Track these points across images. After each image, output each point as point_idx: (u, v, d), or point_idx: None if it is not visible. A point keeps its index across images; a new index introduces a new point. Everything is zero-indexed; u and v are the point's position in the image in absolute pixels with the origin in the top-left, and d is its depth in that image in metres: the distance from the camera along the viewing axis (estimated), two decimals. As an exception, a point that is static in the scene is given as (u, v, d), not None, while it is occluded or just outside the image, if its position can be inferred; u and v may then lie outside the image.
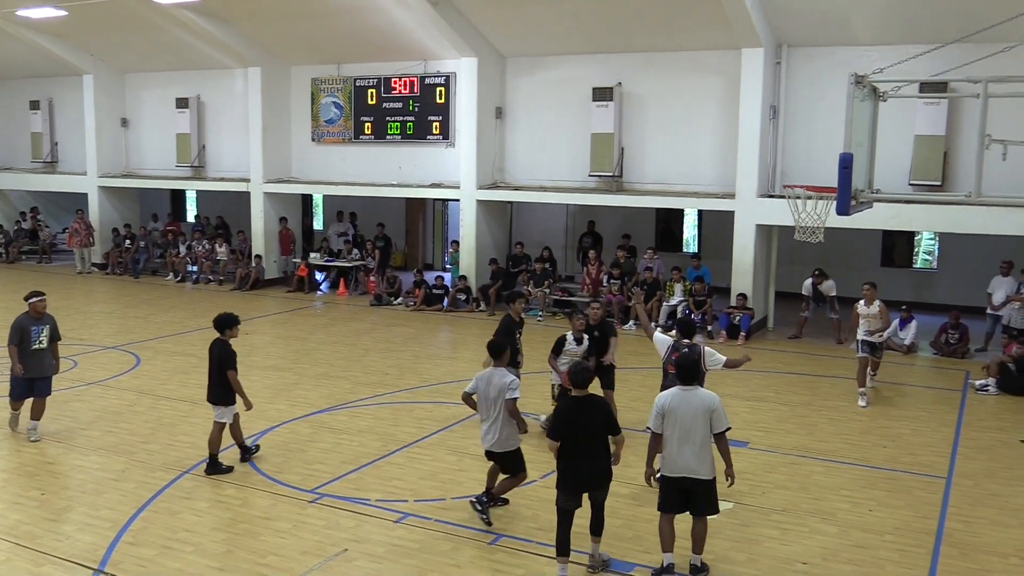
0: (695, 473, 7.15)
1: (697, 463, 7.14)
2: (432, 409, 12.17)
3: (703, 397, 7.23)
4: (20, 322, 10.59)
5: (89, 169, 25.23)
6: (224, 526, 8.32)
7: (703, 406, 7.16)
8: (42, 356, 10.69)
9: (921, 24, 15.25)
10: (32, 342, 10.59)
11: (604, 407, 7.39)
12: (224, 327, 9.81)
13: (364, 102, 21.82)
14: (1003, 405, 12.83)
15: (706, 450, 7.18)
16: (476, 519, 8.37)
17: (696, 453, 7.14)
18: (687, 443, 7.13)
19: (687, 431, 7.14)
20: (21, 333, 10.55)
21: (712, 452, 7.23)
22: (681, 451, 7.16)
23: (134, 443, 10.63)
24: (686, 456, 7.14)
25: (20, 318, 10.63)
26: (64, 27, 22.56)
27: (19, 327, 10.56)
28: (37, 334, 10.62)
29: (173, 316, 18.73)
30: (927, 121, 15.75)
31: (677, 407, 7.18)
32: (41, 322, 10.69)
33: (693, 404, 7.17)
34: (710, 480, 7.22)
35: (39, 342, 10.64)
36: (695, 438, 7.13)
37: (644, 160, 18.89)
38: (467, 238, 20.26)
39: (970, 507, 9.00)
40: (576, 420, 7.22)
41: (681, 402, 7.20)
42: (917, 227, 18.10)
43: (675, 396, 7.26)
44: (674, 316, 17.63)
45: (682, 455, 7.15)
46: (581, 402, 7.31)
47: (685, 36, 17.64)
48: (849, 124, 8.08)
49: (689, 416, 7.14)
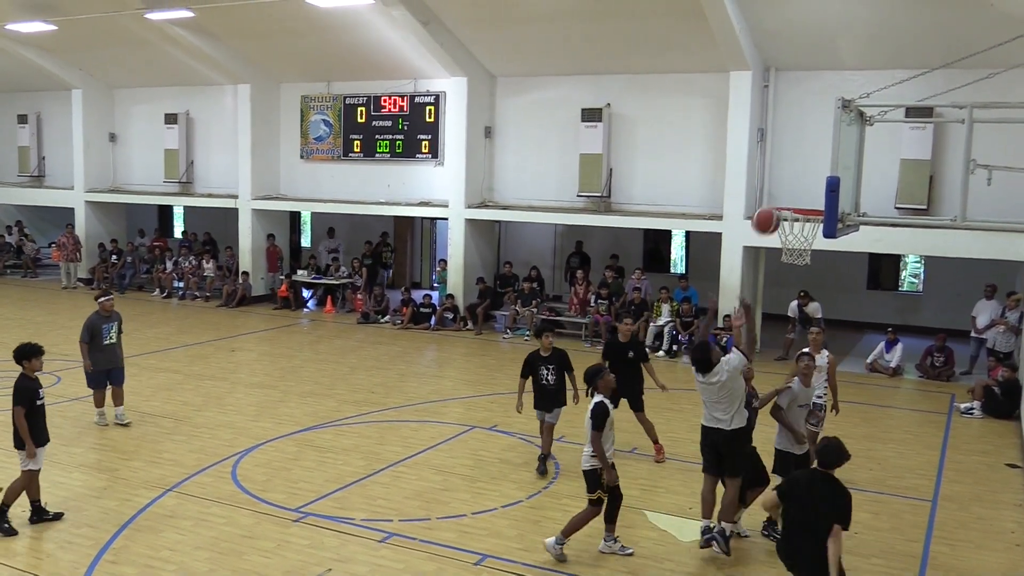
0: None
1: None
2: (418, 428, 12.12)
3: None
4: (92, 321, 11.77)
5: (76, 184, 25.14)
6: (207, 545, 8.24)
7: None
8: (114, 349, 11.93)
9: (907, 50, 15.42)
10: (104, 338, 11.79)
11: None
12: (22, 358, 8.64)
13: (353, 120, 21.85)
14: (988, 428, 12.87)
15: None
16: (462, 539, 8.32)
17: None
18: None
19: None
20: (92, 331, 11.72)
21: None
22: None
23: (117, 460, 10.54)
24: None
25: (92, 317, 11.81)
26: (54, 41, 22.54)
27: (91, 326, 11.75)
28: (108, 331, 11.83)
29: (158, 332, 18.62)
30: (913, 146, 15.88)
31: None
32: (111, 319, 11.91)
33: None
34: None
35: (110, 338, 11.87)
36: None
37: (632, 181, 18.97)
38: (455, 257, 20.26)
39: (956, 530, 9.01)
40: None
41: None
42: (903, 250, 18.22)
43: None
44: (661, 337, 17.67)
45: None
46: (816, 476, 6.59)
47: (674, 58, 17.77)
48: (836, 147, 8.11)
49: None
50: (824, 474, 6.47)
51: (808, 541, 6.35)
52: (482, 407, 13.28)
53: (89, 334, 11.72)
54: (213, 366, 15.64)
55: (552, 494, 9.62)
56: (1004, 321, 15.54)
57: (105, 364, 11.85)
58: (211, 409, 12.83)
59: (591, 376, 8.18)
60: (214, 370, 15.33)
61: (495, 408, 13.08)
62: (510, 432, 11.88)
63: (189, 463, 10.42)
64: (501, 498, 9.48)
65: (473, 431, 11.99)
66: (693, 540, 8.45)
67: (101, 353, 11.78)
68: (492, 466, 10.57)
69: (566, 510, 9.16)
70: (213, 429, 11.83)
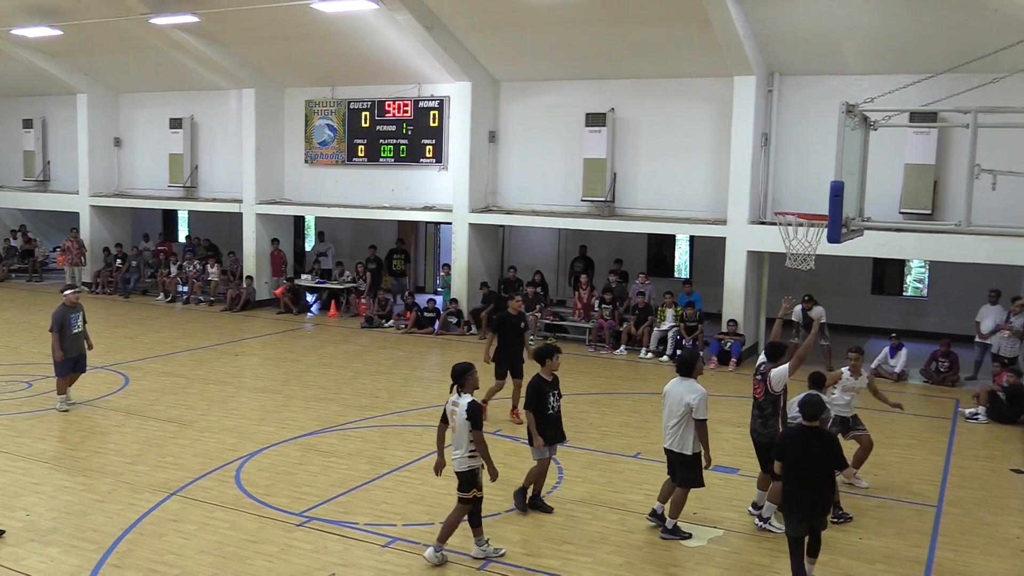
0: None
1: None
2: (422, 432, 12.11)
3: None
4: (60, 312, 12.57)
5: (81, 188, 25.20)
6: (211, 549, 8.24)
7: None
8: (79, 338, 12.84)
9: (911, 54, 15.41)
10: (72, 327, 12.66)
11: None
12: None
13: (358, 124, 21.89)
14: (993, 434, 12.85)
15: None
16: (465, 544, 8.32)
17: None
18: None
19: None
20: (61, 322, 12.53)
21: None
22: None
23: (121, 464, 10.55)
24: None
25: (59, 309, 12.61)
26: (59, 46, 22.62)
27: (59, 317, 12.55)
28: (75, 320, 12.70)
29: (162, 336, 18.65)
30: (917, 150, 15.86)
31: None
32: (76, 311, 12.76)
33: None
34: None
35: (76, 327, 12.74)
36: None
37: (636, 185, 18.98)
38: (459, 261, 20.27)
39: (960, 536, 8.99)
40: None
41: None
42: (907, 255, 18.18)
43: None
44: (665, 341, 17.66)
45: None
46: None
47: (678, 63, 17.78)
48: (840, 152, 8.12)
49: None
50: (810, 427, 7.49)
51: (808, 489, 7.35)
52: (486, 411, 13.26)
53: (59, 324, 12.54)
54: (217, 370, 15.66)
55: (554, 500, 9.60)
56: (1009, 326, 15.50)
57: (73, 352, 12.72)
58: (215, 413, 12.84)
59: (459, 374, 8.16)
60: (218, 374, 15.35)
61: (498, 412, 13.07)
62: (514, 437, 11.88)
63: (193, 467, 10.42)
64: (505, 502, 9.46)
65: (477, 436, 11.96)
66: (698, 544, 8.47)
67: (69, 342, 12.63)
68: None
69: (570, 515, 9.18)
70: (217, 433, 11.83)
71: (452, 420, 8.09)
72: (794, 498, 7.43)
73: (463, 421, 7.94)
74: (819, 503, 7.43)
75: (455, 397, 8.12)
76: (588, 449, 11.45)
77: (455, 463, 8.03)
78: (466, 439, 7.94)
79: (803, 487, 7.35)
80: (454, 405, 8.08)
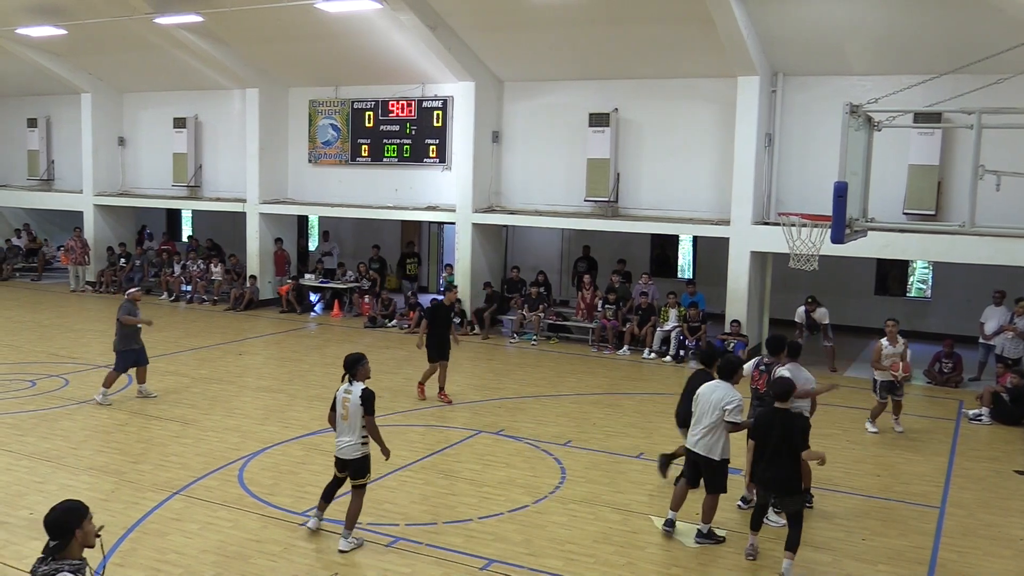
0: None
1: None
2: (424, 432, 12.12)
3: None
4: (127, 306, 13.42)
5: (85, 187, 25.24)
6: (214, 548, 8.25)
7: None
8: (139, 332, 13.50)
9: (915, 55, 15.40)
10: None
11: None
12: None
13: (361, 124, 21.90)
14: (996, 435, 12.83)
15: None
16: (468, 543, 8.32)
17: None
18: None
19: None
20: (128, 312, 13.34)
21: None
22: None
23: (124, 463, 10.56)
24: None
25: (125, 303, 13.46)
26: (63, 46, 22.66)
27: (127, 309, 13.37)
28: (137, 315, 13.47)
29: (166, 336, 18.65)
30: (921, 151, 15.84)
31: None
32: (137, 306, 13.65)
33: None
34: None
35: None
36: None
37: (640, 186, 18.97)
38: (462, 261, 20.28)
39: (964, 537, 8.97)
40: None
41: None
42: (911, 256, 18.15)
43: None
44: (668, 342, 17.66)
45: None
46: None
47: (681, 64, 17.77)
48: (844, 153, 8.11)
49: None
50: (780, 409, 7.95)
51: (777, 466, 7.81)
52: (489, 411, 13.28)
53: (127, 313, 13.38)
54: (220, 370, 15.67)
55: (559, 499, 9.61)
56: (1013, 327, 15.48)
57: (137, 343, 13.41)
58: (218, 413, 12.85)
59: (352, 364, 8.39)
60: (221, 374, 15.36)
61: (502, 412, 13.08)
62: (517, 437, 11.88)
63: (196, 466, 10.43)
64: (507, 503, 9.47)
65: (480, 435, 11.99)
66: (698, 545, 8.50)
67: (134, 334, 13.36)
68: (498, 471, 10.57)
69: (572, 515, 9.17)
70: (220, 433, 11.85)
71: (345, 408, 8.24)
72: (756, 471, 7.99)
73: (356, 407, 8.15)
74: (781, 480, 7.83)
75: (347, 385, 8.30)
76: (591, 449, 11.45)
77: (348, 450, 8.23)
78: (359, 425, 8.16)
79: (768, 464, 7.85)
80: (346, 393, 8.27)
